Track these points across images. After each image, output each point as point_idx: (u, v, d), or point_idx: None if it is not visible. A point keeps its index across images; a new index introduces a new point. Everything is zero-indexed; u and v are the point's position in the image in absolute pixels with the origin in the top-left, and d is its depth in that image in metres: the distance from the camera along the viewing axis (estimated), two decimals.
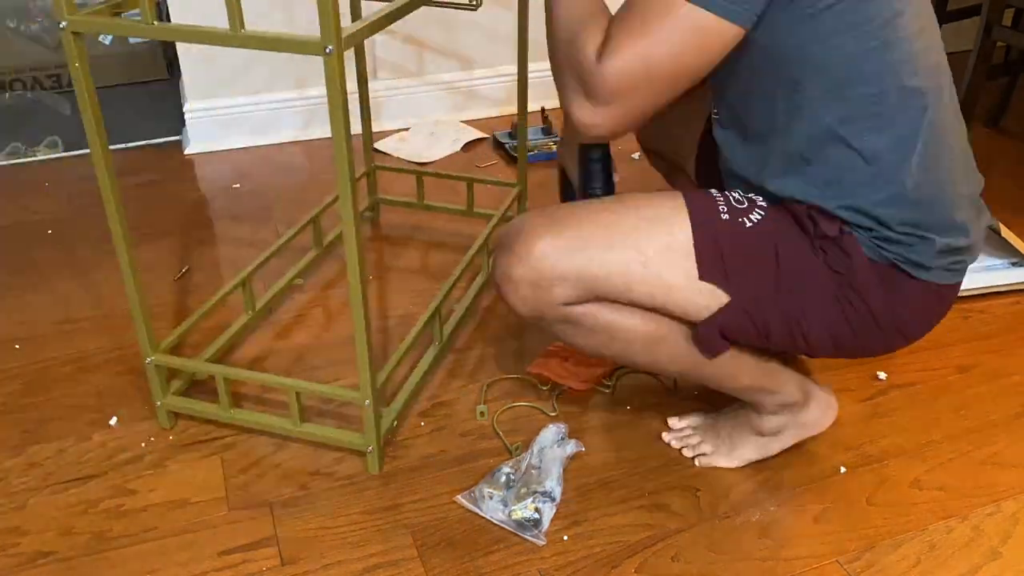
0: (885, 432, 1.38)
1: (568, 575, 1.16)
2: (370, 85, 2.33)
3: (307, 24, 2.17)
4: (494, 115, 2.49)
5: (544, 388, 1.46)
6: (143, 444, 1.37)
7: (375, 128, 2.30)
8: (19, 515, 1.26)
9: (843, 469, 1.32)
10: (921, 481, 1.30)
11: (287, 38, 0.97)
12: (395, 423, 1.36)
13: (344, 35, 0.98)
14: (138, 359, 1.55)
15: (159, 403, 1.37)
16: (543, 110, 2.37)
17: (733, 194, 1.13)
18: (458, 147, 2.30)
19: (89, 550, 1.21)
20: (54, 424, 1.41)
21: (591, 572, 1.17)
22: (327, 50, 0.95)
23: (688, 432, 1.36)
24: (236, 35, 0.99)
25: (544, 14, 1.07)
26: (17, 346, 1.60)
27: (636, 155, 2.21)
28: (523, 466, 1.28)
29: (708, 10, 0.95)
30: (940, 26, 2.74)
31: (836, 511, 1.25)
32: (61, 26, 1.05)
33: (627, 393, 1.46)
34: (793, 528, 1.22)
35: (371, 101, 2.33)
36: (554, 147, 2.05)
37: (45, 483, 1.31)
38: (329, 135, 1.02)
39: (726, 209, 1.10)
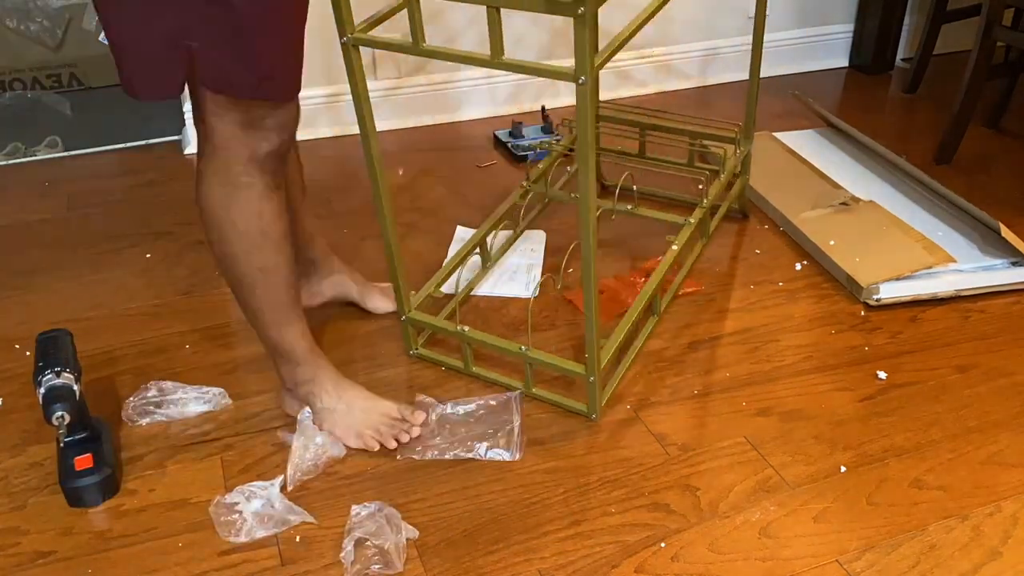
0: (885, 432, 1.39)
1: (568, 575, 1.16)
2: (370, 84, 2.33)
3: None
4: (494, 115, 2.49)
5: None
6: (145, 444, 1.38)
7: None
8: (19, 515, 1.26)
9: (843, 469, 1.32)
10: (921, 481, 1.30)
11: (543, 67, 1.11)
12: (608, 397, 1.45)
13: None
14: (129, 360, 1.56)
15: (411, 352, 1.54)
16: (543, 109, 2.38)
17: None
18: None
19: (89, 550, 1.21)
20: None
21: (591, 572, 1.17)
22: (580, 80, 1.06)
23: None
24: (498, 60, 1.12)
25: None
26: (17, 346, 1.60)
27: None
28: None
29: None
30: (940, 27, 2.74)
31: (836, 511, 1.25)
32: (343, 40, 1.21)
33: (627, 392, 1.47)
34: (793, 528, 1.22)
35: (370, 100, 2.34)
36: (555, 146, 2.05)
37: (45, 483, 1.31)
38: (330, 135, 1.04)
39: None
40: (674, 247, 1.59)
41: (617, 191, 1.70)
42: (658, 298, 1.59)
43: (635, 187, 1.83)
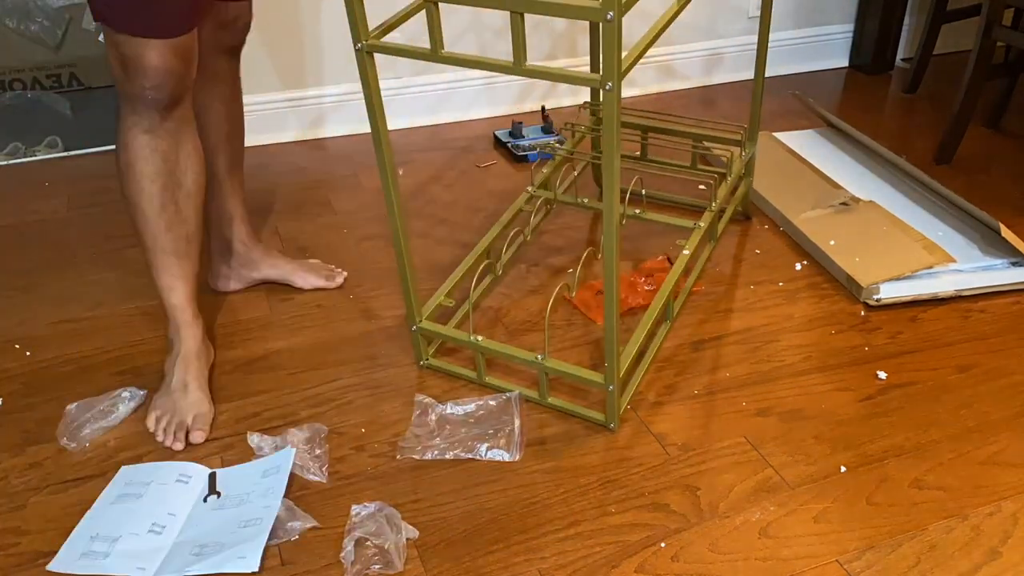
0: (885, 432, 1.39)
1: (568, 575, 1.16)
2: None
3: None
4: (494, 115, 2.49)
5: None
6: (141, 444, 1.38)
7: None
8: (19, 515, 1.26)
9: (843, 469, 1.32)
10: (921, 481, 1.30)
11: (568, 74, 1.11)
12: (628, 405, 1.45)
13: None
14: (129, 360, 1.56)
15: (422, 362, 1.52)
16: (543, 109, 2.38)
17: None
18: None
19: None
20: (54, 424, 1.41)
21: (591, 572, 1.17)
22: (607, 87, 1.06)
23: None
24: (522, 67, 1.11)
25: None
26: (17, 346, 1.60)
27: None
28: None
29: None
30: (940, 27, 2.74)
31: (836, 511, 1.25)
32: (357, 47, 1.19)
33: (627, 392, 1.46)
34: (793, 528, 1.22)
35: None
36: (556, 145, 2.05)
37: (45, 483, 1.32)
38: (332, 135, 1.04)
39: None
40: (685, 251, 1.59)
41: (627, 196, 1.70)
42: (671, 303, 1.59)
43: (644, 191, 1.83)
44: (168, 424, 1.38)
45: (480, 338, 1.43)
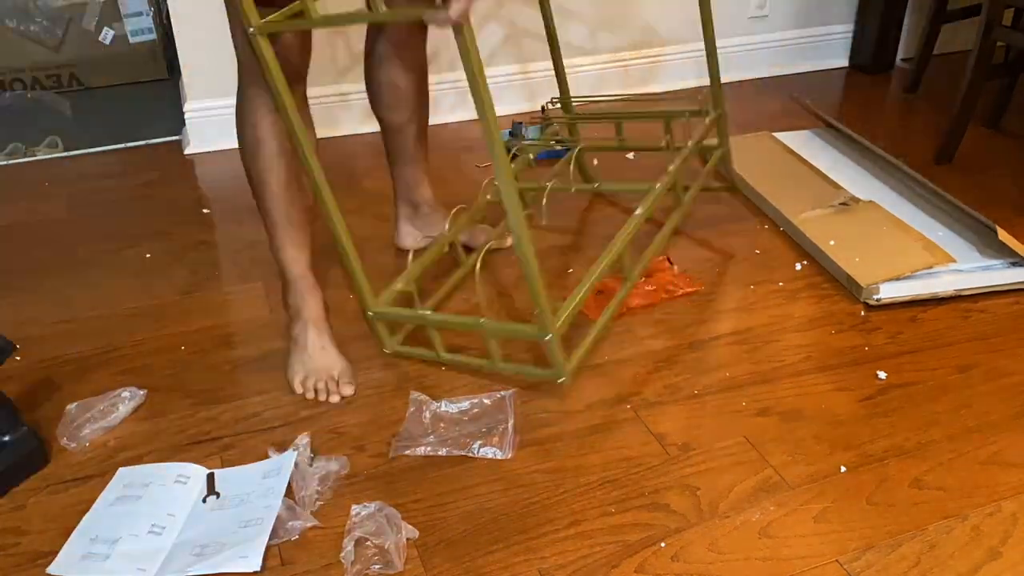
0: (885, 432, 1.39)
1: (568, 575, 1.16)
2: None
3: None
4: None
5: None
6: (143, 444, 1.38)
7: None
8: (19, 515, 1.26)
9: (843, 469, 1.32)
10: (921, 481, 1.30)
11: (414, 9, 1.15)
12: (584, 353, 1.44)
13: None
14: (129, 360, 1.56)
15: (386, 349, 1.55)
16: (543, 109, 2.37)
17: None
18: None
19: None
20: (54, 424, 1.41)
21: (591, 572, 1.17)
22: (250, 31, 1.20)
23: None
24: (378, 12, 1.18)
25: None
26: (17, 346, 1.60)
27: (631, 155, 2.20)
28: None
29: None
30: (940, 26, 2.74)
31: (836, 511, 1.25)
32: (250, 31, 1.24)
33: (627, 392, 1.47)
34: (793, 528, 1.22)
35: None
36: (556, 145, 2.06)
37: (45, 483, 1.31)
38: (331, 135, 1.04)
39: None
40: (637, 212, 1.56)
41: (572, 160, 1.70)
42: (626, 259, 1.52)
43: (595, 161, 1.83)
44: (318, 382, 1.47)
45: (429, 312, 1.45)
